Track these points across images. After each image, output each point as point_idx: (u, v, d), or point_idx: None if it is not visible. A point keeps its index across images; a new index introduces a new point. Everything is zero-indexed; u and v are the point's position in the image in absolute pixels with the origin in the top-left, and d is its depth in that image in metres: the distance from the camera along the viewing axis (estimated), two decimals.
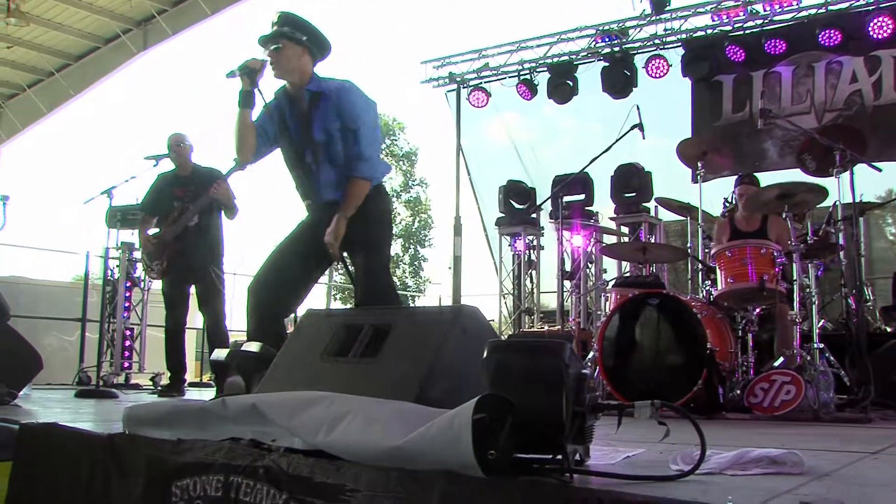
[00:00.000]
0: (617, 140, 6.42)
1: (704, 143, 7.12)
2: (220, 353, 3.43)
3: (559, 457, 2.01)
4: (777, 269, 5.29)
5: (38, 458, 3.02)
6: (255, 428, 2.47)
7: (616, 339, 5.33)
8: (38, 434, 3.09)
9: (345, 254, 4.06)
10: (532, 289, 11.17)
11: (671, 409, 2.16)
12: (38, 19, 15.59)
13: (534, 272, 11.22)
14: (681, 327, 5.13)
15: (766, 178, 6.84)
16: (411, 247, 35.70)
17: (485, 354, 2.47)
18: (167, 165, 6.71)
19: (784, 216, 5.40)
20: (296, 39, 3.97)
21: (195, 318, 11.02)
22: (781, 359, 5.15)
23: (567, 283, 9.89)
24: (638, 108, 6.35)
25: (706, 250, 6.52)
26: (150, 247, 6.65)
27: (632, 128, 6.34)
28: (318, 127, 3.97)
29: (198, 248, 6.64)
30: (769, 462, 2.16)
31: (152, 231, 6.80)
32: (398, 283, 31.99)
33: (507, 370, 2.37)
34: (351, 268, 4.07)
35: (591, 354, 5.58)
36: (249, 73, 3.87)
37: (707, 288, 5.86)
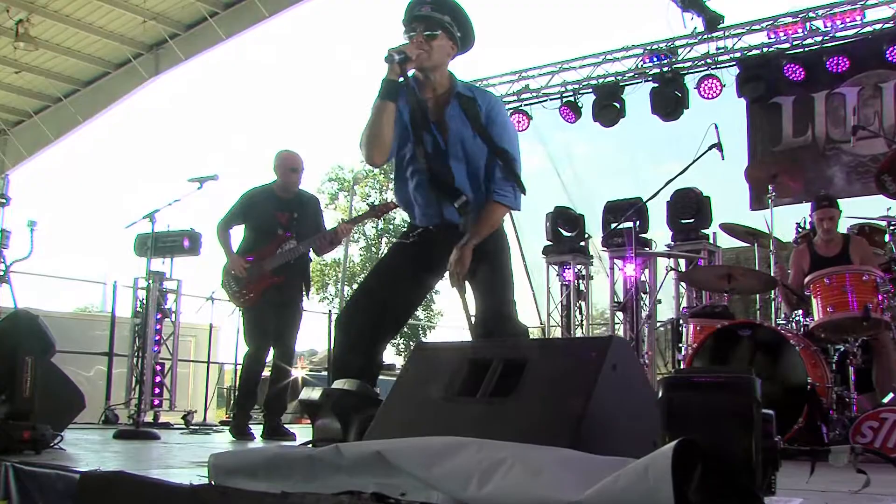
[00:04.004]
0: (694, 161, 6.23)
1: (776, 165, 6.92)
2: (312, 393, 3.19)
3: None
4: (881, 297, 5.07)
5: None
6: (378, 479, 2.22)
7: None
8: (104, 484, 2.79)
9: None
10: (581, 320, 10.93)
11: (874, 455, 1.93)
12: (46, 44, 15.55)
13: (583, 303, 10.99)
14: (777, 360, 4.95)
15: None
16: None
17: (659, 392, 2.26)
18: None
19: None
20: (451, 33, 3.57)
21: (197, 352, 10.96)
22: (891, 395, 4.92)
23: (619, 315, 9.69)
24: (716, 126, 6.17)
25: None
26: (243, 272, 6.32)
27: (710, 148, 6.15)
28: (462, 137, 3.57)
29: (294, 284, 6.42)
30: None
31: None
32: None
33: (687, 410, 2.15)
34: (471, 302, 3.64)
35: None
36: (406, 59, 3.39)
37: (797, 318, 5.64)
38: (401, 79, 3.42)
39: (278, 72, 63.42)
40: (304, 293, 6.56)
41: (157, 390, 7.99)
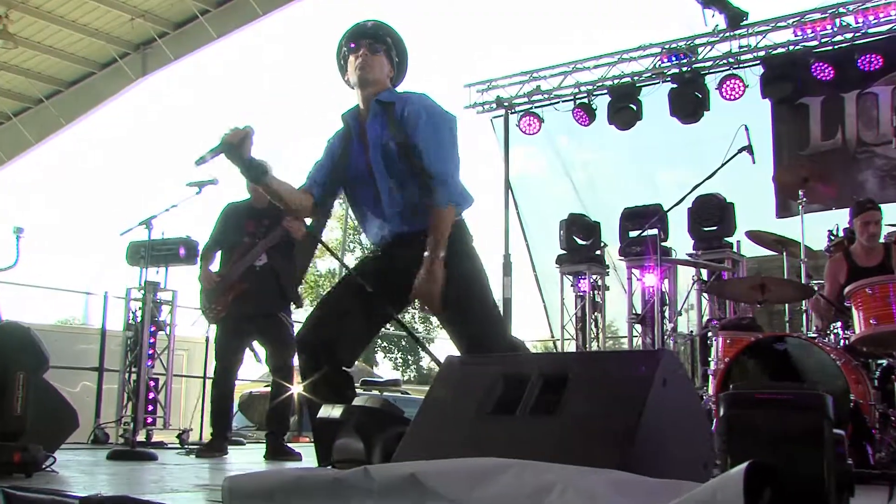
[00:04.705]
0: (723, 165, 6.16)
1: (807, 169, 6.85)
2: (332, 410, 3.12)
3: None
4: None
5: None
6: None
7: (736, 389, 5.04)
8: None
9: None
10: (598, 333, 10.86)
11: None
12: (27, 42, 15.51)
13: (599, 315, 10.91)
14: (816, 376, 4.88)
15: None
16: None
17: (721, 410, 2.20)
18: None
19: None
20: (390, 56, 3.71)
21: (190, 366, 10.85)
22: None
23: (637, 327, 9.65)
24: (746, 128, 6.11)
25: None
26: (212, 283, 6.37)
27: (740, 151, 6.10)
28: (382, 144, 3.59)
29: (265, 292, 6.33)
30: None
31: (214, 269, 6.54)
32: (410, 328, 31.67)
33: (751, 429, 2.10)
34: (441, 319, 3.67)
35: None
36: (229, 149, 3.30)
37: (836, 330, 5.58)
38: (248, 160, 3.35)
39: (281, 71, 63.66)
40: (284, 301, 6.50)
41: (150, 407, 7.89)
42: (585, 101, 11.53)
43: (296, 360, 6.43)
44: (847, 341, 5.32)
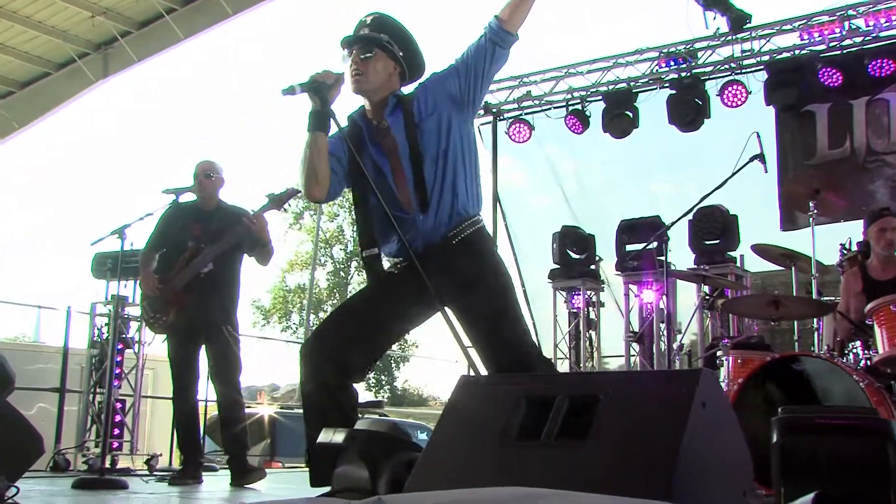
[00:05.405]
0: (733, 174, 6.13)
1: (817, 179, 6.83)
2: (333, 435, 3.04)
3: None
4: None
5: None
6: None
7: (751, 412, 5.00)
8: None
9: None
10: (592, 352, 10.79)
11: None
12: None
13: (593, 333, 10.85)
14: (837, 398, 4.85)
15: None
16: None
17: (774, 436, 2.14)
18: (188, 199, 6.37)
19: None
20: (391, 52, 3.67)
21: (156, 387, 10.70)
22: None
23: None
24: (758, 135, 6.09)
25: None
26: (156, 292, 6.24)
27: (751, 159, 6.08)
28: (405, 143, 3.62)
29: (210, 301, 6.23)
30: None
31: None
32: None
33: (809, 457, 2.04)
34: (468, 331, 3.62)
35: None
36: (318, 89, 3.45)
37: (855, 350, 5.54)
38: (326, 108, 3.49)
39: (260, 72, 63.70)
40: (227, 315, 6.41)
41: (115, 431, 7.75)
42: (579, 107, 11.44)
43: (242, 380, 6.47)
44: (869, 361, 5.29)
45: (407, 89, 3.77)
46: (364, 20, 3.71)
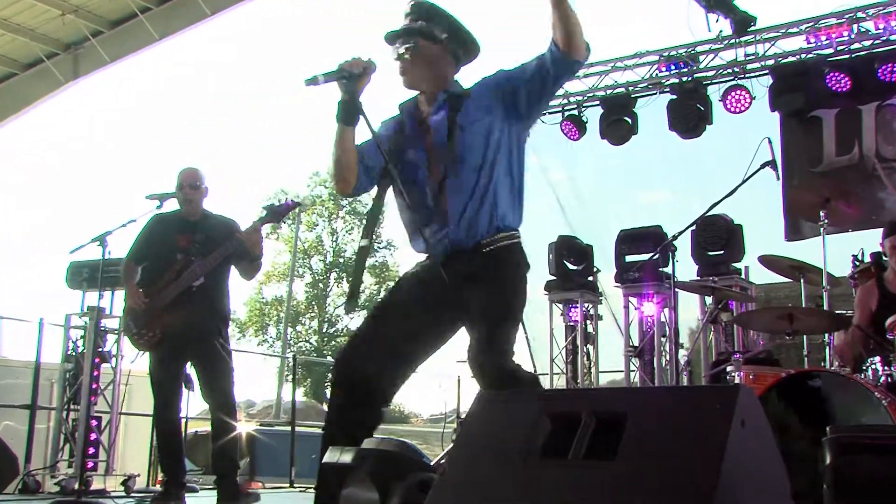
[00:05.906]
0: (743, 181, 6.13)
1: (828, 188, 6.81)
2: (341, 454, 2.97)
3: None
4: None
5: None
6: None
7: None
8: None
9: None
10: (590, 367, 10.72)
11: None
12: None
13: (591, 347, 10.79)
14: (858, 418, 4.82)
15: None
16: None
17: (827, 456, 2.09)
18: (171, 207, 6.29)
19: None
20: (434, 37, 3.65)
21: (130, 403, 10.55)
22: None
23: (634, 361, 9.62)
24: (770, 141, 6.10)
25: None
26: (142, 304, 6.13)
27: (763, 166, 6.08)
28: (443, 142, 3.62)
29: (200, 316, 6.13)
30: None
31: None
32: None
33: (868, 479, 1.98)
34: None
35: None
36: (346, 78, 3.40)
37: (874, 366, 5.51)
38: (354, 98, 3.46)
39: (238, 72, 63.73)
40: (222, 326, 6.36)
41: (91, 450, 7.64)
42: (575, 112, 11.47)
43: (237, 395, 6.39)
44: (890, 378, 5.26)
45: (467, 83, 3.78)
46: (407, 12, 3.72)
